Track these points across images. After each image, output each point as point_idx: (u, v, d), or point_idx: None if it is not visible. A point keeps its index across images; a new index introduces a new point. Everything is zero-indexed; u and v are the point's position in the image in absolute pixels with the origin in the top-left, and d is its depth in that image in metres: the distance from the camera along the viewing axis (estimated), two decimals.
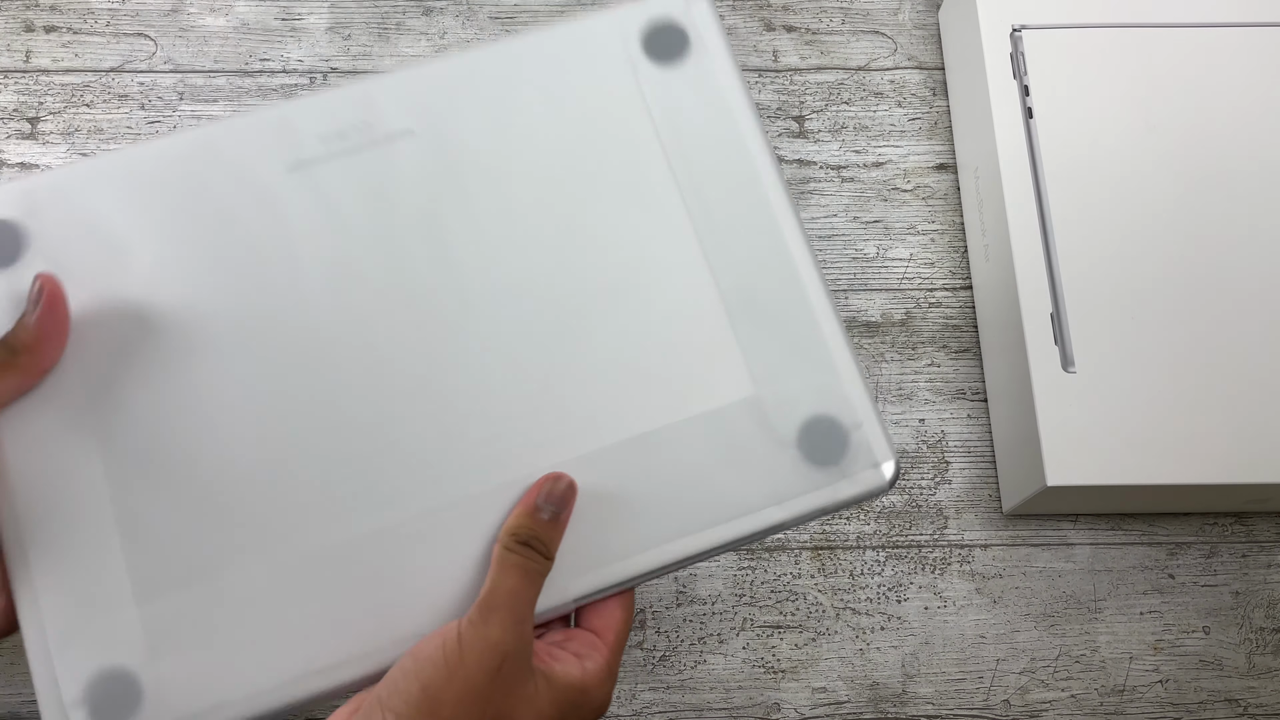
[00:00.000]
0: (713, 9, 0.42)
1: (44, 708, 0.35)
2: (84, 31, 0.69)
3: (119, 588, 0.35)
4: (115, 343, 0.37)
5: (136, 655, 0.35)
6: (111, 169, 0.39)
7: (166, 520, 0.36)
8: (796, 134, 0.69)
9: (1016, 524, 0.60)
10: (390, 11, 0.71)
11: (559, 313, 0.38)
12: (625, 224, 0.39)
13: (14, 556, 0.35)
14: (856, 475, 0.37)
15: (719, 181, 0.39)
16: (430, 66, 0.40)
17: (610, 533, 0.36)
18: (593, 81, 0.40)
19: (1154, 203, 0.59)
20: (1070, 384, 0.56)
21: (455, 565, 0.35)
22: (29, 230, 0.37)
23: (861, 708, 0.56)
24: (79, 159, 0.42)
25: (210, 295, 0.37)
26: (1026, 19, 0.64)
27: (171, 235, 0.38)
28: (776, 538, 0.59)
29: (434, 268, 0.38)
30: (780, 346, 0.38)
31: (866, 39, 0.72)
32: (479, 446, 0.37)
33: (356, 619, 0.35)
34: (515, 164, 0.39)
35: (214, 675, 0.34)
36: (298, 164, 0.39)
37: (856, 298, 0.65)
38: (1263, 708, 0.56)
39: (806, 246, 0.39)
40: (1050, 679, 0.57)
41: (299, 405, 0.37)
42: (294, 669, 0.34)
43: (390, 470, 0.36)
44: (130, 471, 0.36)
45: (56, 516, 0.35)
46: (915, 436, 0.61)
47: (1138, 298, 0.57)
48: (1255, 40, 0.63)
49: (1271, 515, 0.60)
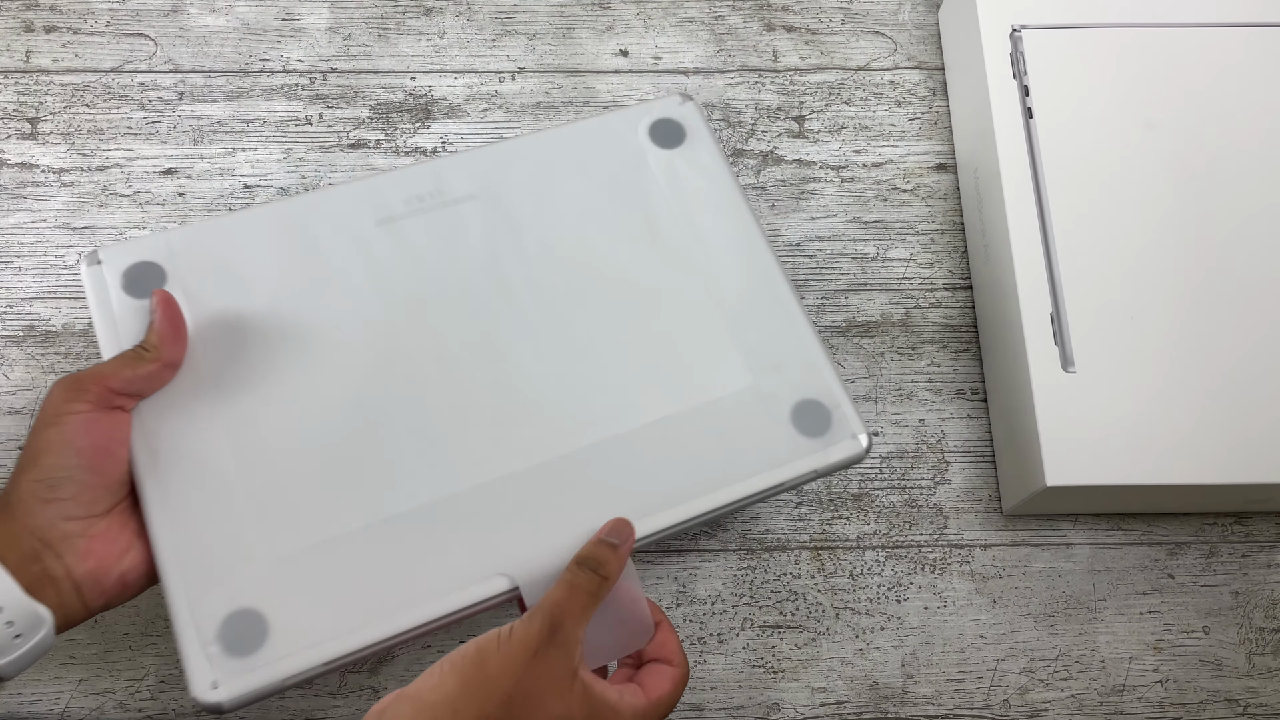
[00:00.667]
0: (700, 110, 0.55)
1: (184, 647, 0.41)
2: (84, 31, 0.69)
3: (246, 539, 0.43)
4: (238, 349, 0.47)
5: (263, 598, 0.42)
6: (233, 224, 0.50)
7: (283, 487, 0.44)
8: (796, 134, 0.69)
9: (1016, 524, 0.60)
10: (390, 11, 0.71)
11: (593, 329, 0.49)
12: (643, 262, 0.51)
13: (155, 516, 0.43)
14: (840, 444, 0.48)
15: (712, 228, 0.52)
16: (487, 149, 0.53)
17: (647, 493, 0.46)
18: (614, 159, 0.53)
19: (1154, 203, 0.59)
20: (1070, 384, 0.56)
21: (514, 525, 0.44)
22: (168, 270, 0.48)
23: (861, 708, 0.56)
24: (207, 217, 0.53)
25: (314, 314, 0.48)
26: (1026, 19, 0.64)
27: (283, 270, 0.49)
28: (776, 538, 0.59)
29: (491, 295, 0.49)
30: (770, 349, 0.49)
31: (866, 39, 0.72)
32: (530, 432, 0.46)
33: (436, 567, 0.43)
34: (555, 218, 0.51)
35: (328, 613, 0.42)
36: (385, 219, 0.50)
37: (856, 298, 0.65)
38: (1262, 708, 0.56)
39: (783, 274, 0.51)
40: (1050, 679, 0.57)
41: (384, 398, 0.46)
42: (389, 608, 0.42)
43: (460, 450, 0.46)
44: (252, 449, 0.45)
45: (193, 484, 0.44)
46: (915, 436, 0.61)
47: (1138, 298, 0.57)
48: (1255, 40, 0.63)
49: (1271, 515, 0.60)
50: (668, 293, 0.50)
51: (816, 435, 0.48)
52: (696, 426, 0.47)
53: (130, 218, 0.64)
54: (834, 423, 0.48)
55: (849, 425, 0.48)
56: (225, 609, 0.42)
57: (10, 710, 0.53)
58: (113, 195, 0.65)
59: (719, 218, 0.52)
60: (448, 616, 0.43)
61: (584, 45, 0.71)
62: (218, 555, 0.43)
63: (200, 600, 0.42)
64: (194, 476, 0.44)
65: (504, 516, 0.45)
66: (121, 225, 0.64)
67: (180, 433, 0.45)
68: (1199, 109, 0.62)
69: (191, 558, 0.42)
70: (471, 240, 0.50)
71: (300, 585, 0.42)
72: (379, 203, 0.51)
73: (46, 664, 0.54)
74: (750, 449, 0.47)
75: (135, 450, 0.44)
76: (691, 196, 0.52)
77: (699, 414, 0.48)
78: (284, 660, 0.41)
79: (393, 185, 0.51)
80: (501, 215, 0.51)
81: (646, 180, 0.53)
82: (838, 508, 0.60)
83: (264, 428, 0.45)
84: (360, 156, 0.67)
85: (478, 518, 0.45)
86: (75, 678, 0.54)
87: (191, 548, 0.43)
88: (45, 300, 0.62)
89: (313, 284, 0.49)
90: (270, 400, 0.46)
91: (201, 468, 0.44)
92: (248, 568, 0.43)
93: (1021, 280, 0.58)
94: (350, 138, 0.67)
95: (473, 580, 0.43)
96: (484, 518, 0.45)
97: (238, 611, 0.42)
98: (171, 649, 0.55)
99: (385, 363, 0.47)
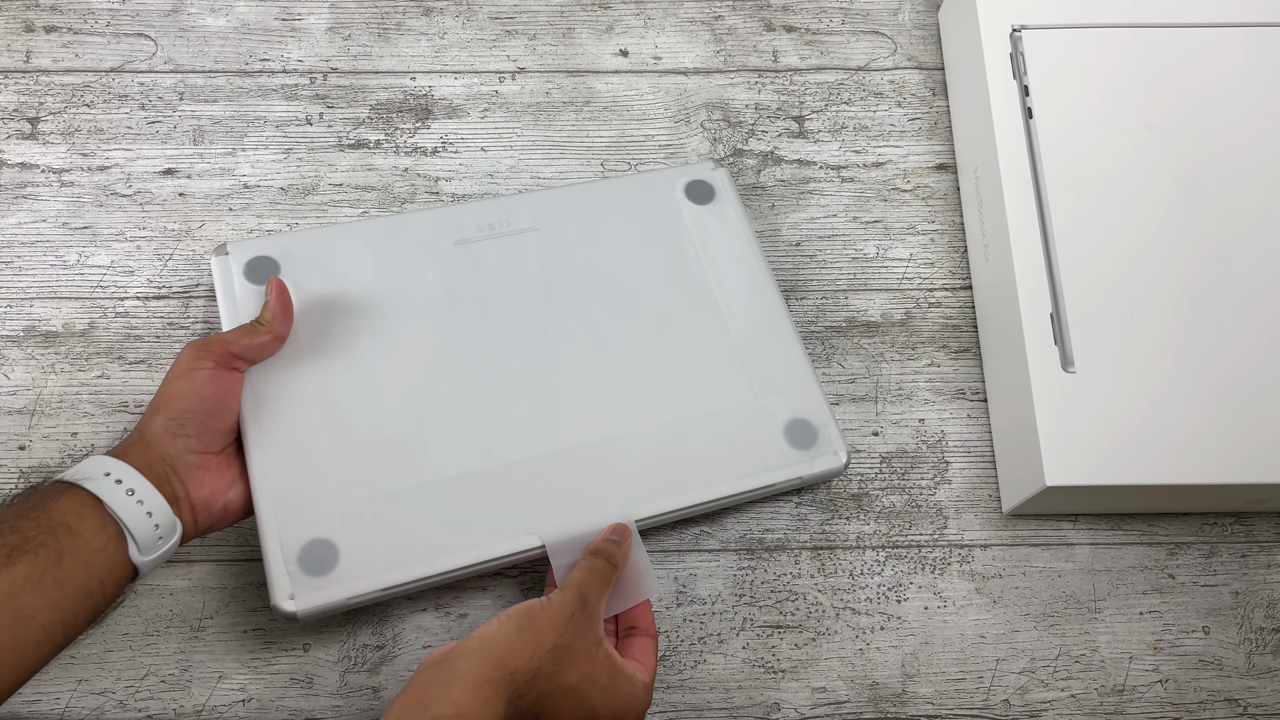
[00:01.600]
0: (730, 175, 0.65)
1: (270, 564, 0.50)
2: (84, 31, 0.69)
3: (327, 484, 0.53)
4: (332, 332, 0.57)
5: (337, 531, 0.51)
6: (337, 233, 0.60)
7: (359, 445, 0.54)
8: (796, 134, 0.69)
9: (1016, 524, 0.60)
10: (390, 11, 0.71)
11: (623, 343, 0.58)
12: (670, 294, 0.60)
13: (255, 460, 0.52)
14: (822, 457, 0.56)
15: (731, 273, 0.61)
16: (550, 192, 0.63)
17: (656, 480, 0.55)
18: (653, 208, 0.63)
19: (1153, 203, 0.59)
20: (1070, 384, 0.56)
21: (544, 495, 0.54)
22: (281, 264, 0.58)
23: (861, 707, 0.56)
24: (316, 226, 0.65)
25: (395, 309, 0.58)
26: (1026, 19, 0.64)
27: (374, 272, 0.59)
28: (776, 538, 0.59)
29: (542, 309, 0.59)
30: (771, 374, 0.58)
31: (866, 39, 0.72)
32: (563, 421, 0.56)
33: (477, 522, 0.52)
34: (600, 251, 0.61)
35: (387, 549, 0.51)
36: (461, 241, 0.60)
37: (856, 298, 0.65)
38: (1263, 708, 0.56)
39: (786, 310, 0.60)
40: (1050, 679, 0.57)
41: (446, 382, 0.56)
42: (437, 550, 0.52)
43: (505, 430, 0.55)
44: (337, 412, 0.54)
45: (287, 436, 0.53)
46: (915, 436, 0.61)
47: (1138, 298, 0.57)
48: (1255, 40, 0.63)
49: (1271, 515, 0.60)
50: (689, 321, 0.59)
51: (804, 449, 0.56)
52: (703, 430, 0.56)
53: (130, 218, 0.64)
54: (820, 439, 0.56)
55: (832, 443, 0.56)
56: (305, 537, 0.51)
57: (10, 710, 0.53)
58: (113, 195, 0.65)
59: (737, 264, 0.61)
60: (484, 563, 0.52)
61: (584, 45, 0.71)
62: (303, 494, 0.52)
63: (286, 529, 0.51)
64: (288, 431, 0.53)
65: (536, 487, 0.54)
66: (122, 225, 0.64)
67: (281, 395, 0.54)
68: (1199, 109, 0.62)
69: (281, 494, 0.52)
70: (530, 263, 0.60)
71: (367, 525, 0.52)
72: (458, 226, 0.61)
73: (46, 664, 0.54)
74: (747, 454, 0.56)
75: (244, 406, 0.54)
76: (716, 245, 0.62)
77: (706, 420, 0.56)
78: (349, 582, 0.50)
79: (470, 214, 0.61)
80: (556, 245, 0.61)
81: (678, 228, 0.62)
82: (838, 508, 0.60)
83: (347, 397, 0.55)
84: (360, 157, 0.67)
85: (515, 486, 0.54)
86: (75, 678, 0.54)
87: (282, 486, 0.52)
88: (45, 300, 0.62)
89: (397, 286, 0.59)
90: (355, 375, 0.56)
91: (295, 424, 0.54)
92: (326, 506, 0.52)
93: (1021, 280, 0.58)
94: (350, 138, 0.67)
95: (507, 536, 0.52)
96: (520, 487, 0.54)
97: (315, 540, 0.51)
98: (172, 649, 0.55)
99: (449, 354, 0.57)
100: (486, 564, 0.52)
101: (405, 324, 0.57)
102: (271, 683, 0.55)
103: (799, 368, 0.58)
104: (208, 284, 0.63)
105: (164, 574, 0.57)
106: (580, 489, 0.54)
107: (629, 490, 0.54)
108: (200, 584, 0.57)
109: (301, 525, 0.51)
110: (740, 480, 0.55)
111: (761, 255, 0.62)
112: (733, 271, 0.61)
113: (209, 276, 0.63)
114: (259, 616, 0.56)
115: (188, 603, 0.56)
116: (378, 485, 0.53)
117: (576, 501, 0.53)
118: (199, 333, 0.62)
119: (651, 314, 0.59)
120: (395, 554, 0.51)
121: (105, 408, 0.60)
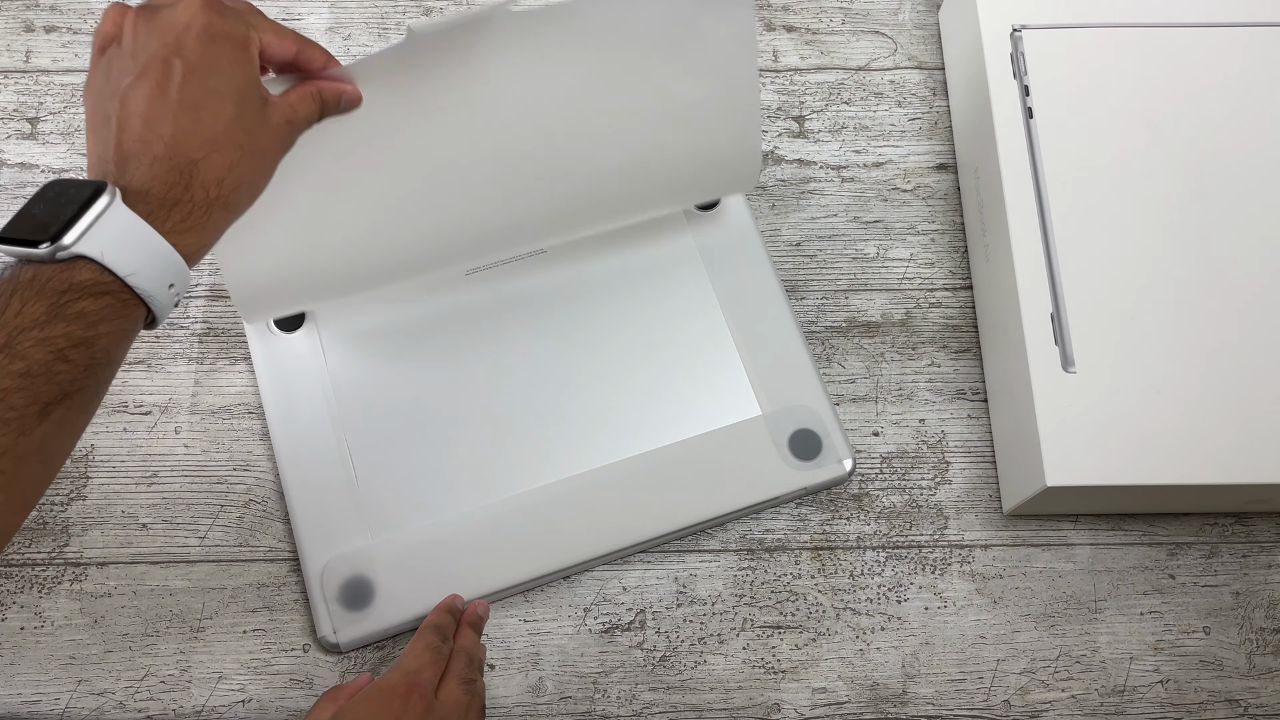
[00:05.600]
0: (746, 201, 0.65)
1: (315, 603, 0.55)
2: (84, 31, 0.69)
3: (361, 523, 0.57)
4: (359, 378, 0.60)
5: (372, 569, 0.55)
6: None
7: (389, 483, 0.58)
8: (796, 134, 0.69)
9: (1016, 524, 0.60)
10: (390, 11, 0.71)
11: (636, 358, 0.61)
12: (681, 309, 0.62)
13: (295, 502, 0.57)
14: (827, 467, 0.58)
15: (739, 285, 0.63)
16: None
17: (672, 494, 0.58)
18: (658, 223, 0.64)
19: (1154, 203, 0.59)
20: (1070, 384, 0.56)
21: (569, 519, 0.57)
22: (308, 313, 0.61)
23: (862, 708, 0.56)
24: None
25: (416, 352, 0.61)
26: (1026, 19, 0.64)
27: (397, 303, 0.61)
28: (777, 538, 0.59)
29: (556, 326, 0.61)
30: (778, 385, 0.60)
31: (866, 39, 0.72)
32: (581, 442, 0.59)
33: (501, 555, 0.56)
34: (613, 271, 0.63)
35: (419, 582, 0.55)
36: (473, 270, 0.62)
37: (856, 298, 0.65)
38: (1263, 708, 0.56)
39: (794, 319, 0.62)
40: (1050, 679, 0.56)
41: (471, 418, 0.59)
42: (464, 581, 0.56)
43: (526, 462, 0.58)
44: (366, 457, 0.58)
45: (324, 484, 0.57)
46: (915, 436, 0.61)
47: (1138, 298, 0.57)
48: (1255, 40, 0.63)
49: (1271, 515, 0.60)
50: (698, 336, 0.61)
51: (808, 459, 0.58)
52: (711, 447, 0.59)
53: None
54: (824, 449, 0.59)
55: (836, 452, 0.59)
56: (343, 575, 0.55)
57: (10, 710, 0.53)
58: None
59: (746, 274, 0.63)
60: (509, 589, 0.56)
61: None
62: (340, 536, 0.56)
63: (325, 568, 0.55)
64: (325, 479, 0.57)
65: (555, 514, 0.57)
66: None
67: (314, 449, 0.58)
68: (1199, 109, 0.62)
69: (321, 537, 0.56)
70: (539, 284, 0.62)
71: (400, 561, 0.56)
72: None
73: (46, 664, 0.54)
74: (754, 467, 0.58)
75: (280, 453, 0.58)
76: (723, 253, 0.63)
77: (714, 436, 0.59)
78: (385, 615, 0.55)
79: None
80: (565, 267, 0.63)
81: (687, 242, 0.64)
82: (838, 508, 0.60)
83: (376, 436, 0.59)
84: None
85: (533, 515, 0.57)
86: (75, 678, 0.54)
87: (321, 530, 0.56)
88: None
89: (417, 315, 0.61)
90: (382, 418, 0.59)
91: (331, 473, 0.58)
92: (361, 546, 0.56)
93: (1021, 280, 0.58)
94: None
95: (528, 561, 0.56)
96: (538, 515, 0.57)
97: (353, 578, 0.55)
98: (172, 650, 0.55)
99: (469, 377, 0.60)
100: (511, 590, 0.57)
101: (425, 362, 0.60)
102: (271, 683, 0.55)
103: (806, 378, 0.60)
104: (208, 284, 0.63)
105: (164, 574, 0.57)
106: (599, 512, 0.57)
107: (643, 510, 0.57)
108: (200, 584, 0.57)
109: (341, 565, 0.55)
110: (747, 493, 0.58)
111: (769, 259, 0.63)
112: (740, 283, 0.63)
113: (209, 276, 0.63)
114: (259, 617, 0.56)
115: (188, 603, 0.56)
116: (407, 521, 0.57)
117: (594, 524, 0.57)
118: (199, 333, 0.62)
119: (661, 329, 0.61)
120: (426, 587, 0.55)
121: (105, 407, 0.60)
